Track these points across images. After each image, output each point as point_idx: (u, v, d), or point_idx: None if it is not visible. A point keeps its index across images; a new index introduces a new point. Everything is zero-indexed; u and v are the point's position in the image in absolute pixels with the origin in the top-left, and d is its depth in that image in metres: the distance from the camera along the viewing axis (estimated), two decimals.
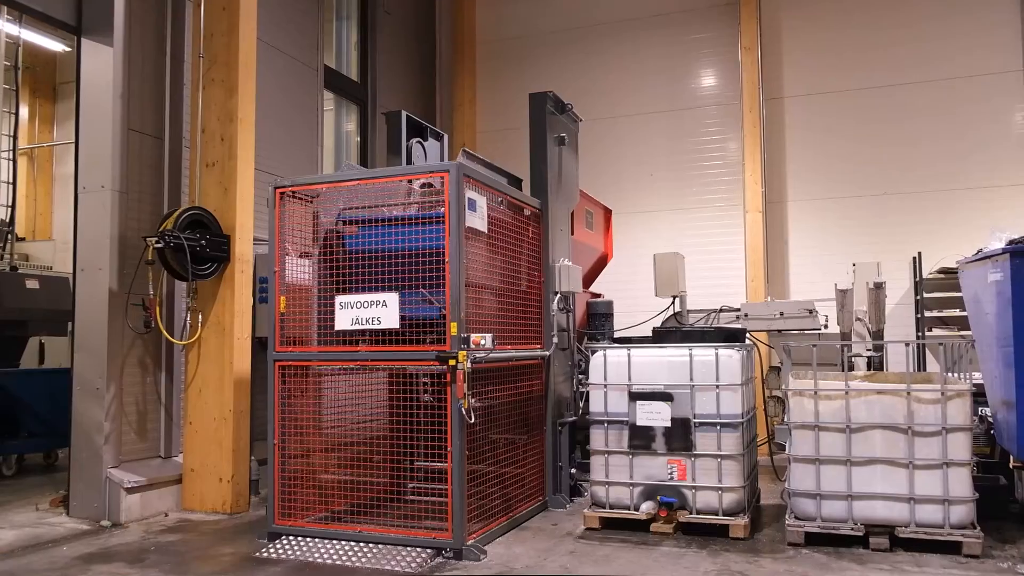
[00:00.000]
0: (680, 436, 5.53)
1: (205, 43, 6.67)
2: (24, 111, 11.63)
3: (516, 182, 7.14)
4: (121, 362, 6.31)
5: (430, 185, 5.46)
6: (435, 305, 5.24)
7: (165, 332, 6.49)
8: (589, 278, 8.59)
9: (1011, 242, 5.00)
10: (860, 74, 10.30)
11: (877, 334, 6.83)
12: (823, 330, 7.70)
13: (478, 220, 5.48)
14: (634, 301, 10.08)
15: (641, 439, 5.63)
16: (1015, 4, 9.68)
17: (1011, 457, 5.48)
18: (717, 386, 5.48)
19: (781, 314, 7.64)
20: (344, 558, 5.03)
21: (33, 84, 12.00)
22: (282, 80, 8.34)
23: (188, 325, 6.59)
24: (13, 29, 9.91)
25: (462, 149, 6.16)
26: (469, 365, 5.02)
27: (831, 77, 10.43)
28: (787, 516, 5.33)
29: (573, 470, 6.71)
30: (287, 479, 5.59)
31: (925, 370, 9.10)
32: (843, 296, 6.92)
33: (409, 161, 6.52)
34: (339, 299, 5.48)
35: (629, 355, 5.73)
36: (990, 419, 5.80)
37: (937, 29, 9.99)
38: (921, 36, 10.05)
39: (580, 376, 7.03)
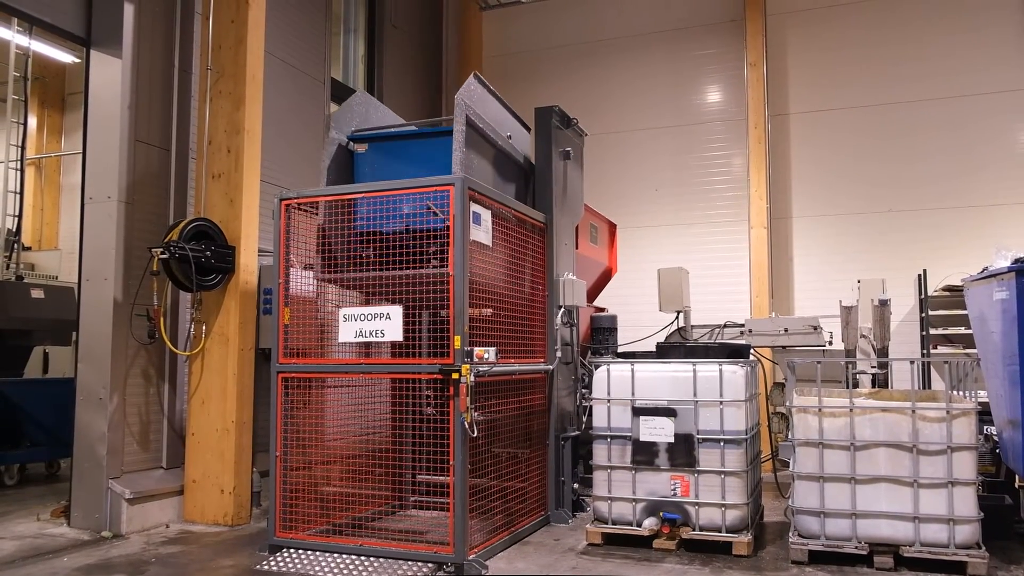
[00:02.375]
0: (683, 452, 5.50)
1: (213, 55, 6.71)
2: (32, 121, 11.71)
3: (526, 127, 7.14)
4: (124, 372, 6.31)
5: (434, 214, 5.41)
6: (439, 216, 5.25)
7: (169, 343, 6.49)
8: (593, 292, 8.58)
9: (1017, 260, 4.99)
10: (865, 91, 10.33)
11: (882, 351, 6.80)
12: (828, 347, 7.68)
13: (483, 234, 5.48)
14: (638, 316, 10.08)
15: (644, 455, 5.60)
16: (1020, 22, 9.71)
17: (1016, 477, 5.44)
18: (721, 402, 5.46)
19: (785, 330, 7.61)
20: (345, 572, 5.01)
21: (42, 95, 12.09)
22: (289, 92, 8.39)
23: (192, 336, 6.59)
24: (23, 40, 9.99)
25: (473, 74, 6.07)
26: (472, 379, 5.01)
27: (836, 94, 10.46)
28: (791, 534, 5.30)
29: (576, 485, 6.68)
30: (289, 491, 5.57)
31: (930, 388, 9.06)
32: (848, 313, 6.90)
33: None
34: (343, 311, 5.49)
35: (632, 370, 5.71)
36: (995, 438, 5.77)
37: (943, 47, 10.02)
38: (927, 54, 10.08)
39: (583, 390, 7.02)
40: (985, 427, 5.92)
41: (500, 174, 6.48)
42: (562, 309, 6.58)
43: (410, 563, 5.08)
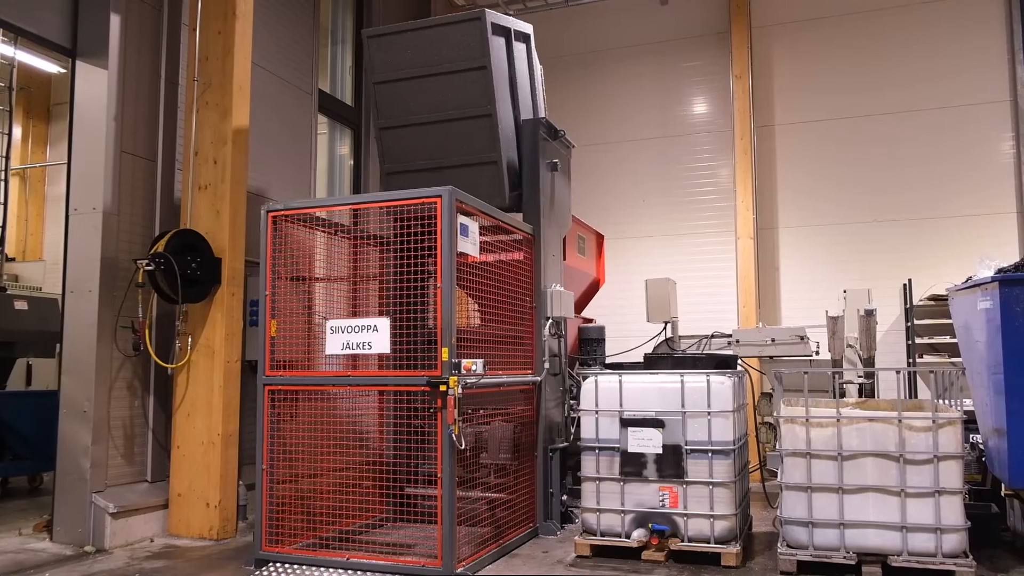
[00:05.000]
0: (671, 463, 5.50)
1: (200, 66, 6.70)
2: (18, 131, 11.64)
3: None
4: (109, 385, 6.26)
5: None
6: None
7: (154, 355, 6.44)
8: (581, 303, 8.59)
9: (1000, 270, 5.04)
10: (850, 102, 10.42)
11: (868, 361, 6.84)
12: (814, 357, 7.72)
13: (470, 245, 5.48)
14: (626, 326, 10.10)
15: (632, 466, 5.60)
16: (1003, 33, 9.83)
17: (1003, 485, 5.47)
18: (709, 413, 5.47)
19: (772, 340, 7.64)
20: None
21: (27, 105, 12.02)
22: (276, 103, 8.37)
23: (178, 348, 6.54)
24: (8, 50, 9.94)
25: None
26: (460, 391, 4.99)
27: (821, 105, 10.55)
28: (779, 544, 5.30)
29: (564, 496, 6.66)
30: (275, 504, 5.53)
31: (916, 397, 9.11)
32: (834, 323, 6.94)
33: None
34: (330, 323, 5.47)
35: (620, 381, 5.71)
36: (981, 446, 5.80)
37: (926, 59, 10.13)
38: (911, 65, 10.19)
39: (571, 402, 7.01)
40: (971, 436, 5.96)
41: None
42: (550, 320, 6.58)
43: None
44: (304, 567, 5.27)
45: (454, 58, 6.47)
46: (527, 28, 7.20)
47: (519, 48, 7.08)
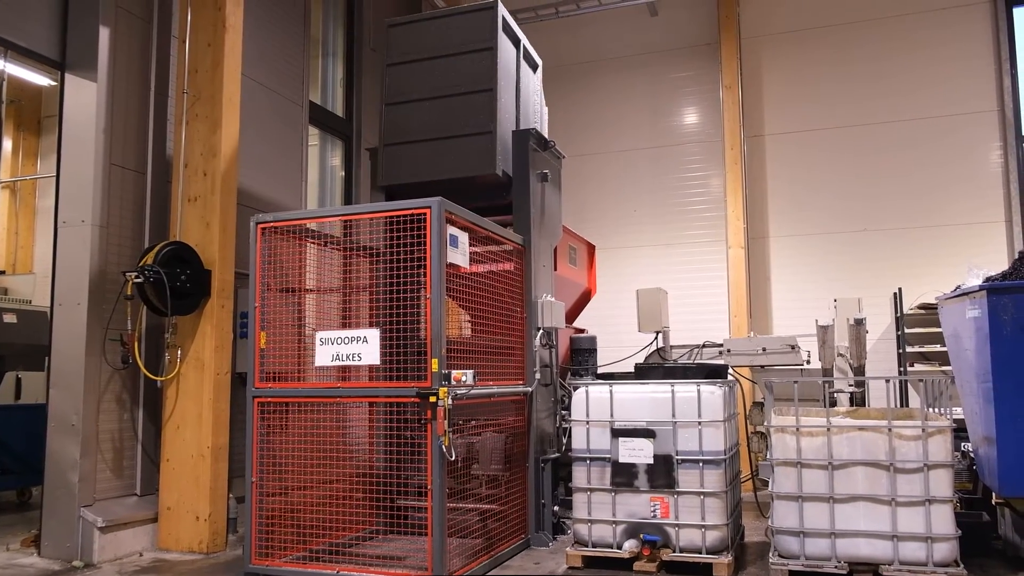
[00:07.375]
0: (663, 473, 5.49)
1: (189, 79, 6.70)
2: (8, 144, 11.60)
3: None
4: (97, 398, 6.22)
5: None
6: None
7: (143, 368, 6.41)
8: (572, 313, 8.59)
9: (988, 279, 5.07)
10: (839, 112, 10.49)
11: (858, 370, 6.84)
12: (805, 366, 7.72)
13: (460, 256, 5.48)
14: (617, 336, 10.09)
15: (624, 476, 5.58)
16: (989, 44, 9.91)
17: (993, 493, 5.48)
18: (699, 422, 5.47)
19: (763, 350, 7.64)
20: None
21: (17, 117, 11.99)
22: (267, 115, 8.38)
23: (167, 361, 6.51)
24: None
25: None
26: (450, 402, 4.98)
27: (811, 115, 10.61)
28: (771, 554, 5.29)
29: (556, 507, 6.64)
30: (265, 518, 5.49)
31: (907, 406, 9.13)
32: (824, 332, 6.94)
33: None
34: (319, 335, 5.45)
35: (611, 391, 5.71)
36: (972, 455, 5.81)
37: (915, 68, 10.21)
38: (899, 75, 10.26)
39: (563, 412, 7.00)
40: (961, 444, 5.97)
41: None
42: (541, 331, 6.58)
43: None
44: None
45: (465, 42, 6.85)
46: (537, 58, 7.65)
47: (527, 72, 7.49)
